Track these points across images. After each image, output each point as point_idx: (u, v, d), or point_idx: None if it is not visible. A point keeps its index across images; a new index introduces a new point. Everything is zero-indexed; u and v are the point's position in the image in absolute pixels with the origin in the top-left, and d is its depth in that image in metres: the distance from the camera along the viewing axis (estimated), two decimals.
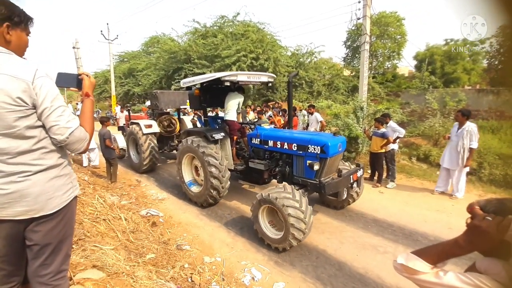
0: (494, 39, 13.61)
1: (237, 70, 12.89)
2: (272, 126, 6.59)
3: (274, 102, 13.33)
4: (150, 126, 7.14)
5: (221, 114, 7.02)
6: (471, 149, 4.94)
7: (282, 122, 8.26)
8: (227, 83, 4.49)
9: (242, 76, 4.50)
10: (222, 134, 4.85)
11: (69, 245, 1.56)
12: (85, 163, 7.15)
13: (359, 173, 4.22)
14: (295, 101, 14.11)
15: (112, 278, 2.40)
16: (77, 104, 21.29)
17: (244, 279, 3.15)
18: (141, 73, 19.17)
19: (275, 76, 5.25)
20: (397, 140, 6.02)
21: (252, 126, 5.18)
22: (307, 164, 3.92)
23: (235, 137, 5.30)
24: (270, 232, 3.71)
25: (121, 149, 8.59)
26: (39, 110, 1.33)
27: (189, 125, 7.92)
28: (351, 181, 4.06)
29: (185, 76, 14.76)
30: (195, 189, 5.18)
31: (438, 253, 1.07)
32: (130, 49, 26.78)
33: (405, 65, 18.57)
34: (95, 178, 6.16)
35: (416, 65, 16.60)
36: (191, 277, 3.07)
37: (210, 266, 3.36)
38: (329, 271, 3.26)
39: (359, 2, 9.23)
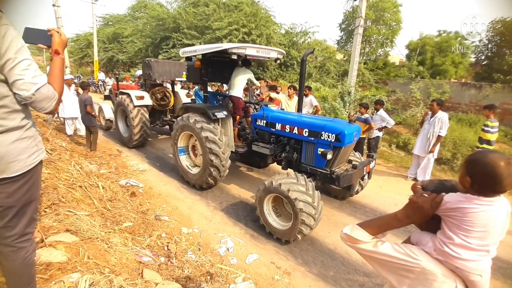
0: (485, 34, 13.81)
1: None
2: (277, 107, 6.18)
3: (263, 81, 13.14)
4: (142, 98, 6.63)
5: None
6: (439, 137, 5.13)
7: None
8: (234, 56, 4.09)
9: (251, 50, 4.11)
10: (225, 112, 4.48)
11: (34, 209, 1.53)
12: (69, 132, 6.67)
13: (372, 164, 4.00)
14: (284, 81, 13.96)
15: (86, 243, 2.42)
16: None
17: (220, 249, 3.26)
18: (126, 39, 18.15)
19: (284, 52, 4.80)
20: (383, 129, 6.00)
21: (257, 106, 4.75)
22: (319, 152, 3.65)
23: (237, 117, 4.93)
24: (276, 222, 3.49)
25: (108, 120, 8.08)
26: (1, 61, 1.22)
27: (184, 99, 7.40)
28: (364, 173, 3.84)
29: (173, 46, 14.15)
30: (193, 170, 4.86)
31: (379, 225, 1.18)
32: (116, 12, 25.07)
33: (397, 53, 18.60)
34: (73, 145, 5.97)
35: (407, 54, 16.65)
36: (167, 245, 3.14)
37: (187, 237, 3.44)
38: (301, 246, 3.42)
39: None
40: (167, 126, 7.85)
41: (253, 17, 13.65)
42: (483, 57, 14.19)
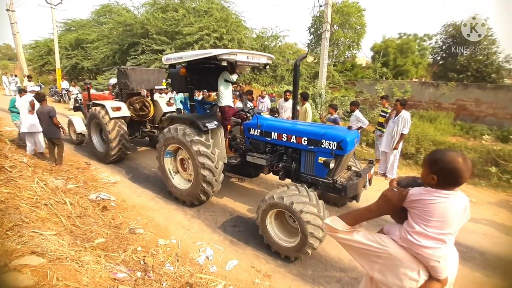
0: (439, 36, 15.01)
1: (199, 49, 12.36)
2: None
3: (236, 85, 13.19)
4: (118, 109, 6.08)
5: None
6: (401, 134, 5.52)
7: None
8: (224, 63, 3.87)
9: (242, 56, 3.93)
10: (215, 122, 4.22)
11: None
12: (29, 150, 6.03)
13: (372, 170, 3.90)
14: (257, 85, 14.12)
15: (54, 264, 2.28)
16: (11, 76, 18.50)
17: (199, 258, 3.22)
18: (91, 45, 17.29)
19: (273, 57, 4.61)
20: (359, 130, 6.08)
21: (248, 115, 4.51)
22: (319, 161, 3.49)
23: (228, 126, 4.67)
24: (281, 239, 3.28)
25: (80, 133, 7.44)
26: None
27: (165, 108, 7.03)
28: (367, 180, 3.70)
29: (142, 52, 13.75)
30: (182, 185, 4.52)
31: (355, 216, 1.32)
32: (78, 17, 23.78)
33: (363, 55, 19.60)
34: (36, 160, 5.59)
35: (372, 56, 17.61)
36: (143, 259, 3.05)
37: (164, 248, 3.37)
38: None
39: None
40: (147, 138, 7.43)
41: (224, 22, 13.68)
42: (438, 58, 15.39)
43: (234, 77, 4.33)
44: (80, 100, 10.19)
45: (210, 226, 3.94)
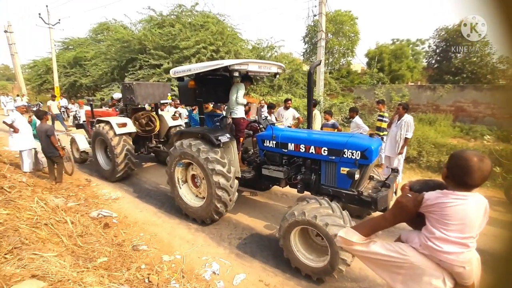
0: (432, 40, 15.26)
1: (197, 62, 12.49)
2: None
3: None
4: (124, 125, 5.96)
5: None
6: (406, 139, 5.49)
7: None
8: (236, 73, 3.74)
9: (253, 66, 3.82)
10: (228, 135, 4.06)
11: None
12: (26, 168, 5.81)
13: (398, 180, 3.72)
14: (256, 94, 14.21)
15: (56, 287, 2.19)
16: (6, 95, 18.54)
17: (205, 274, 3.12)
18: (89, 62, 17.47)
19: (284, 66, 4.52)
20: None
21: (261, 126, 4.32)
22: (342, 172, 3.31)
23: (241, 139, 4.49)
24: (309, 260, 3.03)
25: (83, 151, 7.27)
26: None
27: (170, 123, 6.92)
28: (394, 190, 3.50)
29: (140, 68, 13.88)
30: (194, 203, 4.32)
31: (370, 226, 1.25)
32: (76, 35, 24.14)
33: (358, 62, 19.84)
34: (35, 179, 5.52)
35: (368, 62, 17.83)
36: (148, 277, 2.95)
37: (169, 265, 3.27)
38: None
39: None
40: (152, 153, 7.33)
41: (220, 35, 13.89)
42: (433, 61, 15.58)
43: (240, 99, 4.22)
44: (79, 117, 10.17)
45: (215, 239, 3.85)
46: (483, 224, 1.15)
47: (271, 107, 6.68)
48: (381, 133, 6.05)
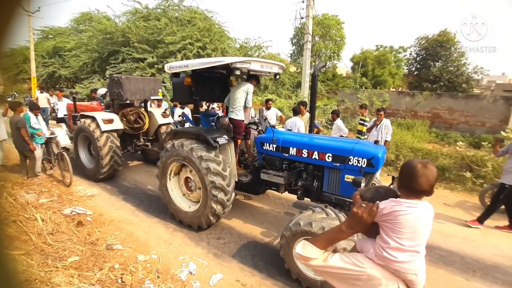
0: (413, 48, 15.85)
1: (182, 59, 12.28)
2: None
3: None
4: (110, 121, 5.59)
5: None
6: (385, 141, 5.69)
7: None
8: (237, 72, 3.58)
9: (255, 64, 3.63)
10: (226, 137, 3.85)
11: None
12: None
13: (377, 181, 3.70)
14: None
15: None
16: None
17: (181, 274, 3.09)
18: (69, 53, 16.76)
19: (285, 66, 4.40)
20: None
21: (260, 128, 4.12)
22: (346, 179, 3.22)
23: (239, 141, 4.30)
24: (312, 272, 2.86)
25: (63, 148, 6.61)
26: None
27: (160, 120, 6.59)
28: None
29: (123, 61, 13.47)
30: (187, 207, 4.06)
31: (327, 239, 1.23)
32: (56, 24, 23.09)
33: (343, 66, 20.29)
34: (6, 173, 5.24)
35: (352, 67, 18.28)
36: (121, 277, 2.88)
37: (144, 265, 3.20)
38: (266, 259, 3.41)
39: (303, 1, 9.64)
40: (139, 152, 6.99)
41: (207, 32, 13.73)
42: (413, 69, 16.20)
43: (249, 102, 4.03)
44: (57, 109, 9.63)
45: (193, 239, 3.81)
46: (429, 231, 1.20)
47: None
48: (362, 137, 6.23)
